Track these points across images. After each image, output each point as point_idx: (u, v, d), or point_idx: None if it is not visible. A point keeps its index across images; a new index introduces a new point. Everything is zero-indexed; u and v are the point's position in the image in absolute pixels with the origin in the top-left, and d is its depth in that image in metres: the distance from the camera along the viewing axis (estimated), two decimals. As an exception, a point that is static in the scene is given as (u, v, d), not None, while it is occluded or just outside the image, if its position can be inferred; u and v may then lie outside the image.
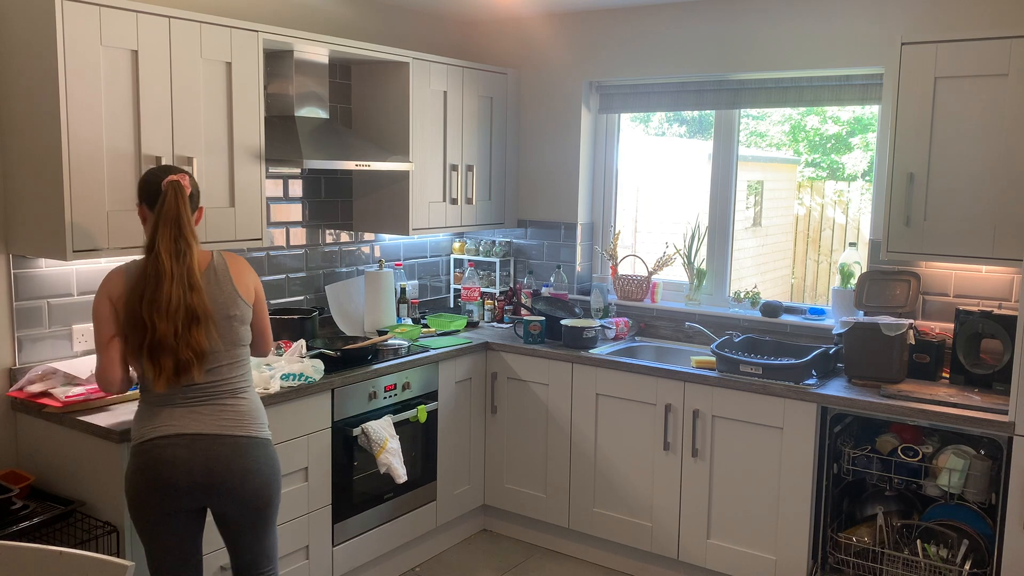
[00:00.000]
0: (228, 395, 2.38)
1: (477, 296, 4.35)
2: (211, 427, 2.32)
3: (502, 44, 4.50)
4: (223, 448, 2.32)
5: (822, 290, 4.53)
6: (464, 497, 3.96)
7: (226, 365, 2.38)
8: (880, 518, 3.14)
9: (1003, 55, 2.96)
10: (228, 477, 2.32)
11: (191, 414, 2.31)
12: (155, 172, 2.38)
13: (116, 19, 2.70)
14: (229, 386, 2.39)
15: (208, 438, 2.31)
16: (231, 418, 2.36)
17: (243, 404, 2.40)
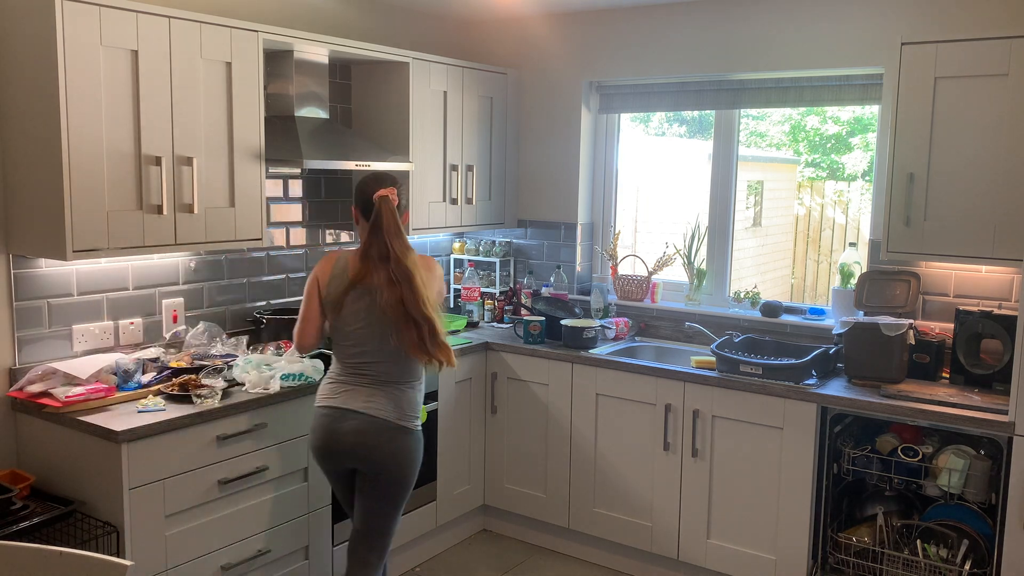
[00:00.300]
0: (388, 383, 2.75)
1: (477, 296, 4.35)
2: (366, 408, 2.72)
3: (502, 44, 4.50)
4: (375, 426, 2.71)
5: (822, 290, 4.54)
6: (464, 497, 3.96)
7: (386, 354, 2.74)
8: (880, 518, 3.14)
9: (1003, 55, 2.96)
10: (373, 449, 2.73)
11: (352, 392, 2.74)
12: (368, 183, 2.76)
13: (116, 19, 2.70)
14: (389, 376, 2.75)
15: (362, 417, 2.71)
16: (378, 401, 2.71)
17: (396, 393, 2.74)
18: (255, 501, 2.96)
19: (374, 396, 2.71)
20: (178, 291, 3.33)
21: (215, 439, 2.80)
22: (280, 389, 2.99)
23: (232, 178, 3.10)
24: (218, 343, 3.22)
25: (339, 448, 2.72)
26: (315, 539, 3.21)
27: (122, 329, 3.15)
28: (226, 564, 2.88)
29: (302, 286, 3.81)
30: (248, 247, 3.28)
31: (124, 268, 3.14)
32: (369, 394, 2.71)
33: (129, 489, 2.58)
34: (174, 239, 2.94)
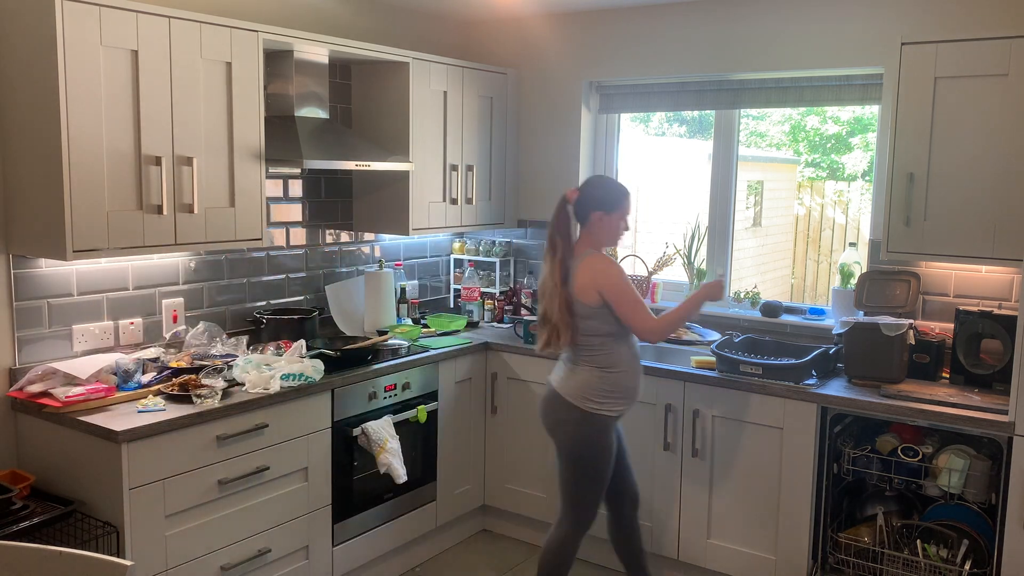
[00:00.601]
0: (567, 361, 3.03)
1: (477, 296, 4.35)
2: (551, 377, 3.07)
3: (502, 44, 4.50)
4: (547, 393, 3.06)
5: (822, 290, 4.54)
6: (464, 497, 3.96)
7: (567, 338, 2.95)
8: (880, 518, 3.14)
9: (1003, 55, 2.96)
10: (546, 413, 3.08)
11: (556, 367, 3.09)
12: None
13: (116, 19, 2.70)
14: (567, 355, 3.03)
15: (548, 385, 3.07)
16: (556, 374, 3.04)
17: (570, 367, 3.00)
18: (255, 501, 2.96)
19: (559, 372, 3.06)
20: (178, 291, 3.33)
21: (215, 439, 2.80)
22: (280, 389, 2.99)
23: (232, 178, 3.10)
24: (218, 343, 3.22)
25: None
26: (315, 539, 3.21)
27: (122, 329, 3.15)
28: (226, 564, 2.88)
29: (302, 286, 3.83)
30: (248, 247, 3.28)
31: (124, 268, 3.14)
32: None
33: (129, 489, 2.58)
34: (174, 239, 2.94)
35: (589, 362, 2.95)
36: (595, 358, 2.95)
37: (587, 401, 2.94)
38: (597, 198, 2.97)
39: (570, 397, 2.95)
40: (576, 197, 2.98)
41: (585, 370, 2.95)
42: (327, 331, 3.81)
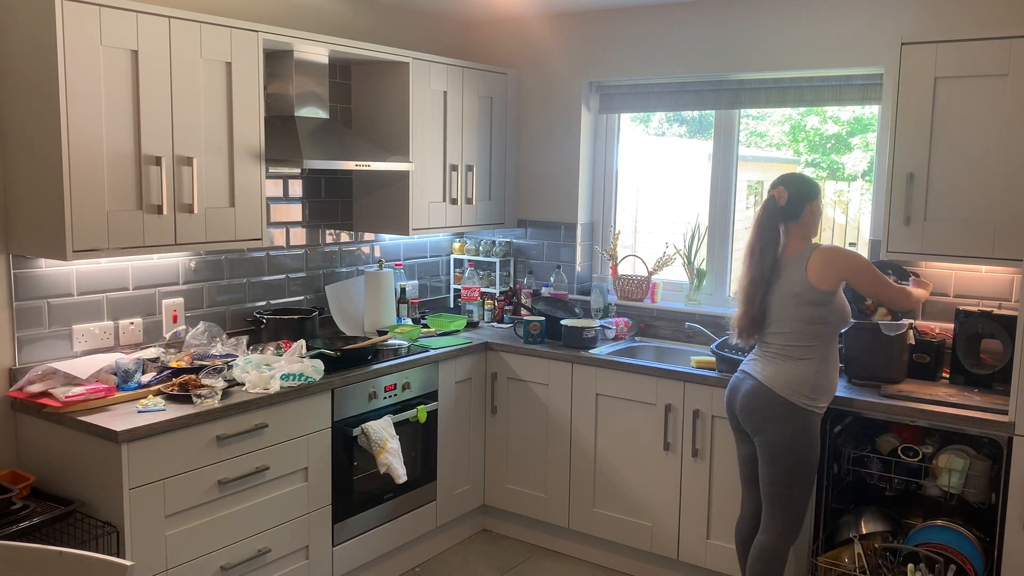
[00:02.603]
0: (775, 353, 2.96)
1: (477, 296, 4.35)
2: (750, 368, 3.01)
3: (502, 44, 4.50)
4: (744, 384, 3.00)
5: (822, 290, 4.52)
6: (464, 497, 3.96)
7: (785, 333, 2.94)
8: (857, 545, 3.05)
9: (1003, 55, 2.96)
10: (742, 407, 3.00)
11: (751, 359, 3.04)
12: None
13: (116, 19, 2.70)
14: (776, 346, 2.96)
15: (745, 376, 3.02)
16: (761, 367, 2.97)
17: (778, 360, 2.94)
18: (255, 501, 2.96)
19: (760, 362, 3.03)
20: (178, 291, 3.33)
21: (215, 439, 2.80)
22: (280, 389, 2.99)
23: (232, 178, 3.10)
24: (218, 343, 3.22)
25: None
26: (315, 539, 3.21)
27: (122, 329, 3.15)
28: (226, 564, 2.88)
29: (302, 286, 3.84)
30: (248, 247, 3.28)
31: (124, 268, 3.14)
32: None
33: (129, 489, 2.59)
34: (174, 239, 2.94)
35: (808, 355, 2.90)
36: (815, 351, 2.90)
37: (802, 397, 2.88)
38: (804, 191, 2.99)
39: (784, 392, 2.88)
40: (787, 196, 2.97)
41: (803, 364, 2.90)
42: (327, 331, 3.81)
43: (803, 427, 2.89)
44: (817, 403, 2.91)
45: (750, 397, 2.95)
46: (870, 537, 3.11)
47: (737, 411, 3.01)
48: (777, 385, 2.89)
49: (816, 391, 2.90)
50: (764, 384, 2.92)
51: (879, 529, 3.14)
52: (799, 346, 2.91)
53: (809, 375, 2.89)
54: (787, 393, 2.88)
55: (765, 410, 2.91)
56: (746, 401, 2.96)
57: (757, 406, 2.93)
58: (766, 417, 2.91)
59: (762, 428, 2.93)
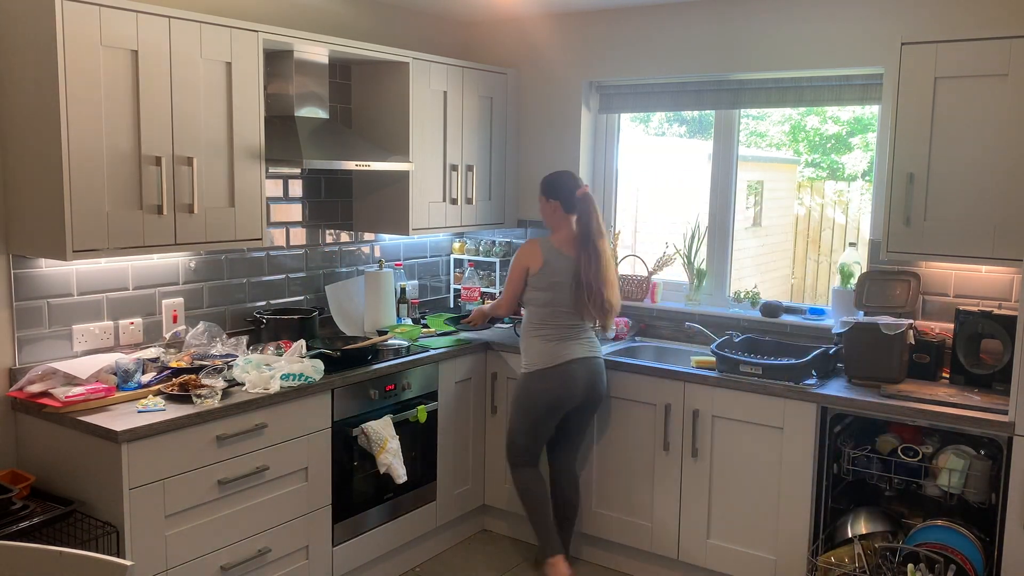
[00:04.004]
0: (590, 331, 3.55)
1: (477, 296, 4.35)
2: (589, 352, 3.49)
3: (502, 44, 4.50)
4: (597, 364, 3.52)
5: (822, 290, 4.54)
6: (464, 497, 3.96)
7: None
8: (857, 545, 3.06)
9: (1003, 55, 2.96)
10: (599, 382, 3.53)
11: (577, 344, 3.46)
12: (568, 180, 3.54)
13: (116, 19, 2.70)
14: (589, 327, 3.55)
15: (590, 359, 3.48)
16: (595, 346, 3.54)
17: (595, 337, 3.58)
18: (255, 501, 2.96)
19: (592, 343, 3.54)
20: (178, 291, 3.33)
21: (215, 439, 2.80)
22: (280, 389, 2.99)
23: (232, 178, 3.10)
24: (218, 343, 3.22)
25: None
26: (315, 539, 3.21)
27: (122, 329, 3.15)
28: (226, 564, 2.88)
29: (302, 286, 3.84)
30: (248, 247, 3.28)
31: (124, 268, 3.14)
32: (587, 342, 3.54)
33: (129, 489, 2.58)
34: (174, 239, 2.94)
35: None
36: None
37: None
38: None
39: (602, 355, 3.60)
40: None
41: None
42: (327, 331, 3.81)
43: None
44: None
45: (602, 370, 3.54)
46: (870, 537, 3.11)
47: (593, 388, 3.48)
48: (601, 353, 3.60)
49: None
50: (601, 357, 3.57)
51: (879, 529, 3.14)
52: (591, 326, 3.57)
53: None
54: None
55: (604, 374, 3.55)
56: (602, 375, 3.53)
57: (603, 374, 3.54)
58: (604, 377, 3.55)
59: (604, 388, 3.56)
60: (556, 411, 3.46)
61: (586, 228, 3.42)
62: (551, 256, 3.44)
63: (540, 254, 3.44)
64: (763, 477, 3.31)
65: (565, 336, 3.44)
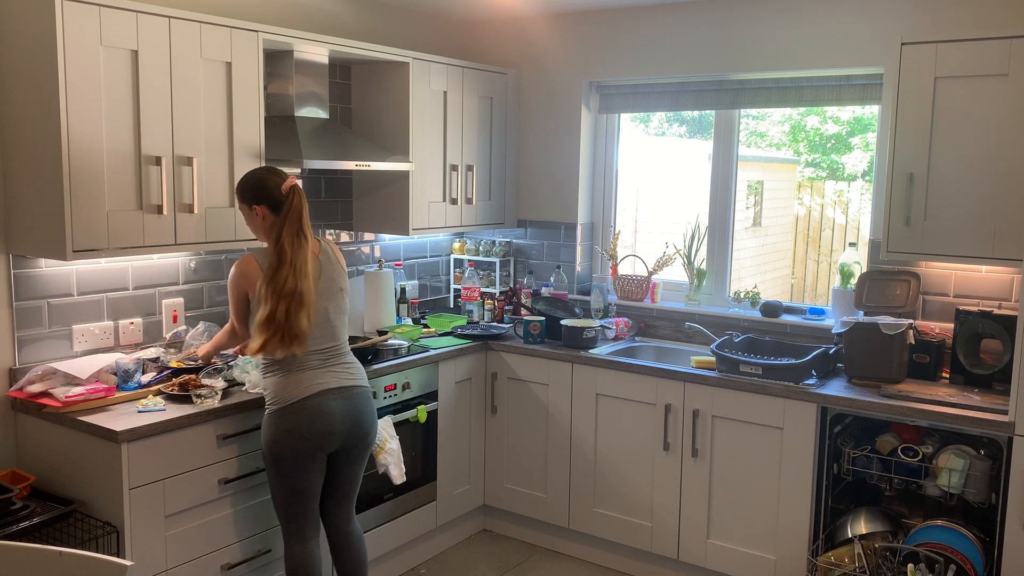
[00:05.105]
0: (346, 354, 2.88)
1: (477, 296, 4.35)
2: (347, 380, 2.82)
3: (502, 44, 4.50)
4: (360, 396, 2.85)
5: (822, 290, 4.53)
6: (464, 497, 3.96)
7: (340, 330, 2.87)
8: (857, 545, 3.06)
9: (1003, 55, 2.96)
10: (364, 419, 2.86)
11: (329, 372, 2.79)
12: (267, 178, 2.78)
13: (116, 19, 2.70)
14: (344, 348, 2.88)
15: (348, 389, 2.81)
16: (355, 372, 2.87)
17: (355, 361, 2.91)
18: (255, 501, 2.96)
19: (351, 369, 2.88)
20: (178, 291, 3.33)
21: (215, 439, 2.80)
22: (280, 389, 2.98)
23: (232, 178, 3.09)
24: (218, 343, 3.22)
25: (340, 427, 2.80)
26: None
27: (122, 329, 3.15)
28: (226, 564, 2.88)
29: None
30: (248, 247, 3.28)
31: (124, 268, 3.14)
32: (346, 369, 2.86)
33: (129, 489, 2.59)
34: (174, 239, 2.94)
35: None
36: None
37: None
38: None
39: (368, 385, 2.93)
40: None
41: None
42: (327, 331, 3.81)
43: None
44: None
45: (366, 405, 2.87)
46: (870, 537, 3.11)
47: (359, 425, 2.83)
48: (368, 382, 2.93)
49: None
50: (367, 387, 2.90)
51: (879, 529, 3.14)
52: (345, 340, 2.90)
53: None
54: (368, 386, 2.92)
55: (373, 410, 2.92)
56: (367, 411, 2.88)
57: (371, 409, 2.90)
58: (373, 414, 2.92)
59: (372, 427, 2.91)
60: (308, 459, 2.74)
61: (296, 227, 2.73)
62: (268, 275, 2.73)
63: (259, 272, 2.73)
64: (763, 477, 3.31)
65: (309, 365, 2.75)
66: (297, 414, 2.70)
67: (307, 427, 2.71)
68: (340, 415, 2.77)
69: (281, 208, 2.74)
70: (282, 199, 2.74)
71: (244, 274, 2.77)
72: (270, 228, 2.76)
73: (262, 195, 2.76)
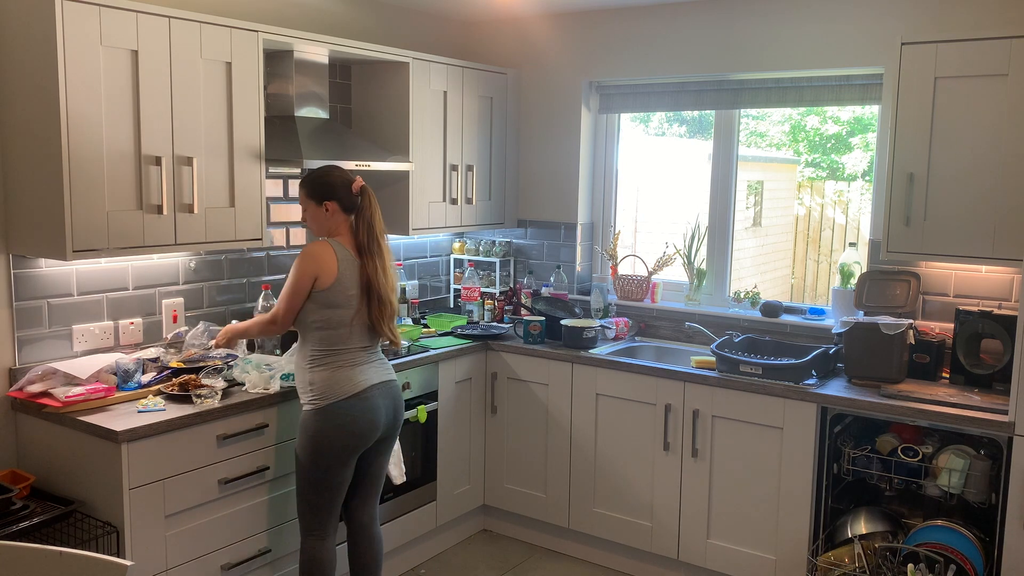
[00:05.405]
0: (379, 350, 2.98)
1: (477, 296, 4.35)
2: (388, 375, 2.94)
3: (502, 44, 4.50)
4: (398, 389, 2.98)
5: (822, 290, 4.53)
6: (464, 497, 3.96)
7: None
8: (857, 545, 3.06)
9: (1003, 55, 2.96)
10: (400, 411, 2.99)
11: (372, 368, 2.88)
12: (341, 177, 2.88)
13: (116, 19, 2.70)
14: (379, 343, 2.97)
15: (390, 383, 2.93)
16: (390, 367, 2.98)
17: (386, 357, 3.01)
18: (255, 501, 2.96)
19: (387, 363, 2.99)
20: (178, 291, 3.33)
21: (215, 439, 2.80)
22: (280, 389, 2.99)
23: (232, 178, 3.10)
24: (218, 343, 3.22)
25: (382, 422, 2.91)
26: (315, 539, 3.21)
27: (122, 329, 3.15)
28: (226, 564, 2.88)
29: (302, 286, 3.81)
30: (248, 247, 3.28)
31: (124, 268, 3.14)
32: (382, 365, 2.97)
33: (129, 489, 2.58)
34: (174, 239, 2.94)
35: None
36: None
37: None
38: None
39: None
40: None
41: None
42: (327, 331, 3.81)
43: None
44: None
45: (400, 398, 3.00)
46: (870, 537, 3.11)
47: (397, 419, 2.97)
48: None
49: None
50: (398, 380, 3.01)
51: (879, 529, 3.14)
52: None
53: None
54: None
55: (403, 401, 3.03)
56: (402, 403, 3.00)
57: (402, 401, 3.02)
58: (403, 407, 3.02)
59: (401, 421, 3.02)
60: (352, 454, 2.83)
61: (370, 227, 2.87)
62: (347, 265, 2.82)
63: (335, 262, 2.79)
64: (763, 477, 3.31)
65: (358, 360, 2.84)
66: (348, 410, 2.78)
67: (357, 423, 2.80)
68: (384, 410, 2.88)
69: (352, 207, 2.88)
70: (352, 198, 2.88)
71: (316, 256, 2.78)
72: (337, 224, 2.88)
73: (335, 192, 2.86)
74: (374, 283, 2.83)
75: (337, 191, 2.86)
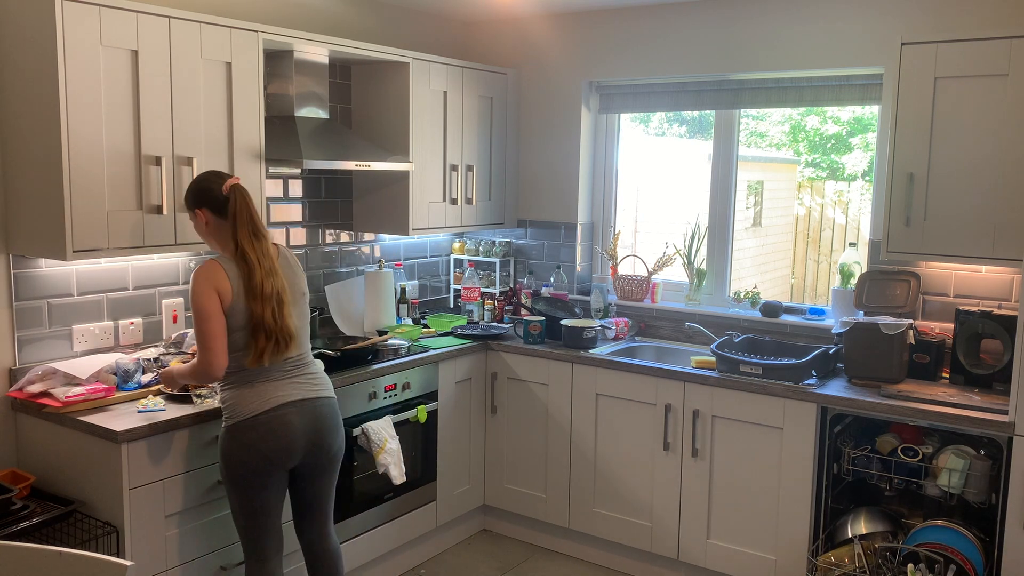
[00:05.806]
0: (310, 363, 2.75)
1: (477, 296, 4.35)
2: (310, 392, 2.68)
3: (502, 44, 4.50)
4: (324, 408, 2.71)
5: (822, 290, 4.53)
6: (464, 497, 3.96)
7: (304, 338, 2.74)
8: (857, 545, 3.06)
9: (1003, 55, 2.96)
10: (328, 433, 2.72)
11: (291, 384, 2.65)
12: (210, 180, 2.65)
13: (116, 19, 2.70)
14: (308, 356, 2.76)
15: (311, 401, 2.67)
16: (319, 383, 2.74)
17: (319, 371, 2.78)
18: (255, 501, 2.96)
19: (315, 380, 2.74)
20: (178, 291, 3.33)
21: (215, 439, 2.80)
22: (280, 389, 2.98)
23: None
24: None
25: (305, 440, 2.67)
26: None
27: (122, 329, 3.15)
28: (226, 564, 2.88)
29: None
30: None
31: (124, 268, 3.14)
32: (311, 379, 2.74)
33: (129, 489, 2.59)
34: (174, 239, 2.94)
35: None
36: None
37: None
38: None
39: (334, 395, 2.79)
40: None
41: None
42: (327, 331, 3.81)
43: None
44: None
45: (331, 417, 2.72)
46: (870, 537, 3.11)
47: (322, 439, 2.69)
48: (333, 392, 2.79)
49: None
50: (332, 398, 2.76)
51: (879, 529, 3.14)
52: (308, 348, 2.77)
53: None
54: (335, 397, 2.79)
55: (339, 423, 2.78)
56: (331, 424, 2.72)
57: (337, 422, 2.76)
58: (339, 427, 2.77)
59: (337, 441, 2.75)
60: (266, 477, 2.59)
61: (249, 223, 2.60)
62: (238, 283, 2.55)
63: (227, 280, 2.54)
64: (763, 477, 3.31)
65: (273, 376, 2.62)
66: (254, 428, 2.56)
67: (264, 442, 2.56)
68: (301, 429, 2.61)
69: (225, 210, 2.59)
70: (224, 200, 2.59)
71: (211, 279, 2.51)
72: (218, 233, 2.63)
73: (202, 198, 2.62)
74: (261, 292, 2.54)
75: (204, 196, 2.62)
